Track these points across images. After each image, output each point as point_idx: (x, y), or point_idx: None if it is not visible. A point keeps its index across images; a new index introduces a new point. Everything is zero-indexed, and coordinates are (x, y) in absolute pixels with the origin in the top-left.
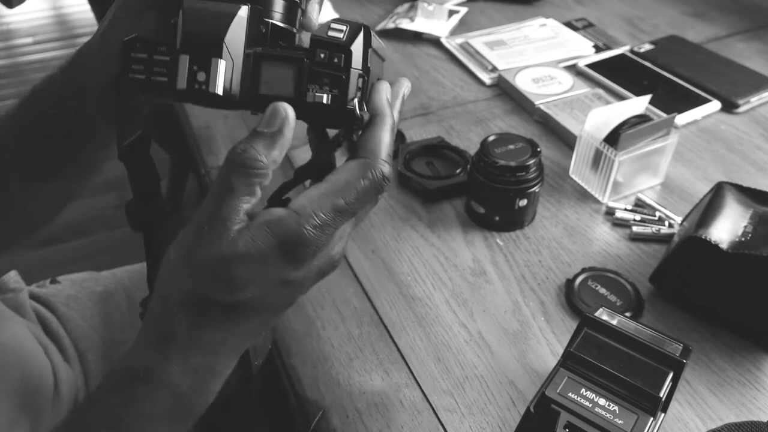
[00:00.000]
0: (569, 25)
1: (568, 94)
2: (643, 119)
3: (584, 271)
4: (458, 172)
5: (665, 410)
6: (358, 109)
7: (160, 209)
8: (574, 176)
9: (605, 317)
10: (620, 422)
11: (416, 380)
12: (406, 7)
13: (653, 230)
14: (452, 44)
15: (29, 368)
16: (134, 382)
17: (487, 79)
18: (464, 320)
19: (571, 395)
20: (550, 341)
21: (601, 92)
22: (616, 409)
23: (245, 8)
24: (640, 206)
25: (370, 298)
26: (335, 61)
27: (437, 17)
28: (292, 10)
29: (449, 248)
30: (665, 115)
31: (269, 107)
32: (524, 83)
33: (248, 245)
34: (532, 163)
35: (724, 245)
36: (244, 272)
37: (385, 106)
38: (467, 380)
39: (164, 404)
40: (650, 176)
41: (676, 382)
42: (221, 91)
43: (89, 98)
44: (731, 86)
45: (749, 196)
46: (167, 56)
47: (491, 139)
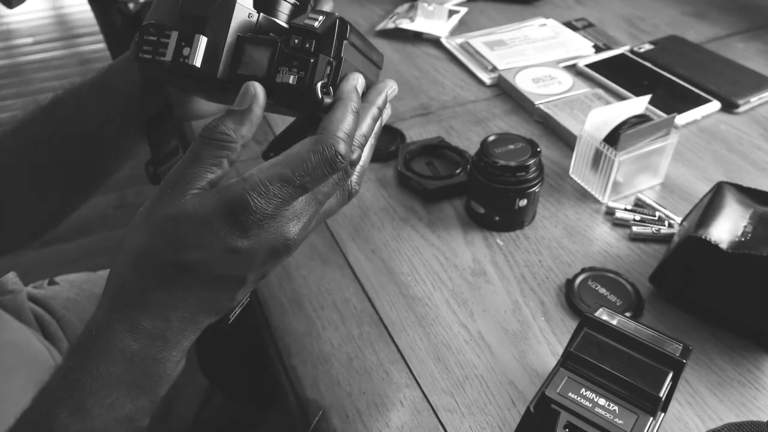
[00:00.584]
0: (569, 25)
1: (568, 94)
2: (643, 119)
3: (584, 271)
4: (458, 172)
5: (665, 410)
6: (320, 92)
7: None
8: (574, 176)
9: (605, 317)
10: (620, 422)
11: (416, 380)
12: (406, 7)
13: (653, 230)
14: (452, 44)
15: (34, 368)
16: (88, 341)
17: (487, 79)
18: (464, 320)
19: (571, 395)
20: (550, 341)
21: (601, 92)
22: (616, 409)
23: None
24: (640, 206)
25: (370, 298)
26: (306, 46)
27: (437, 17)
28: (292, 7)
29: (449, 248)
30: (665, 115)
31: (242, 87)
32: (524, 83)
33: (196, 206)
34: (532, 163)
35: (724, 245)
36: (190, 231)
37: (350, 91)
38: (467, 380)
39: (118, 366)
40: (650, 176)
41: (676, 382)
42: (199, 63)
43: (115, 106)
44: (731, 86)
45: (749, 196)
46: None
47: (491, 139)
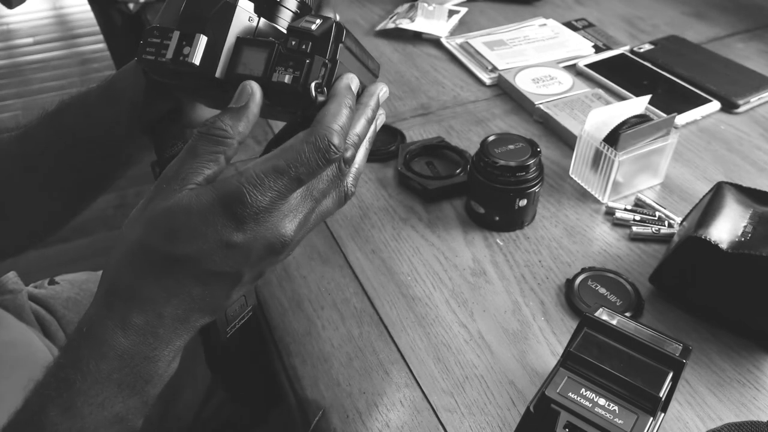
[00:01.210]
0: (569, 25)
1: (568, 94)
2: (643, 119)
3: (584, 271)
4: (458, 172)
5: (665, 410)
6: (313, 91)
7: None
8: (574, 176)
9: (605, 317)
10: (620, 422)
11: (416, 380)
12: (406, 7)
13: (653, 230)
14: (452, 44)
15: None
16: (80, 339)
17: (487, 79)
18: (464, 320)
19: (571, 395)
20: (550, 341)
21: (601, 92)
22: (615, 408)
23: None
24: (640, 206)
25: (370, 298)
26: (303, 47)
27: (437, 17)
28: (292, 15)
29: (449, 248)
30: (665, 115)
31: (239, 86)
32: (524, 83)
33: (191, 199)
34: (532, 163)
35: (723, 245)
36: (185, 224)
37: (345, 88)
38: (467, 380)
39: (108, 364)
40: (650, 176)
41: (675, 382)
42: (198, 61)
43: (121, 112)
44: (731, 86)
45: (749, 196)
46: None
47: (491, 139)
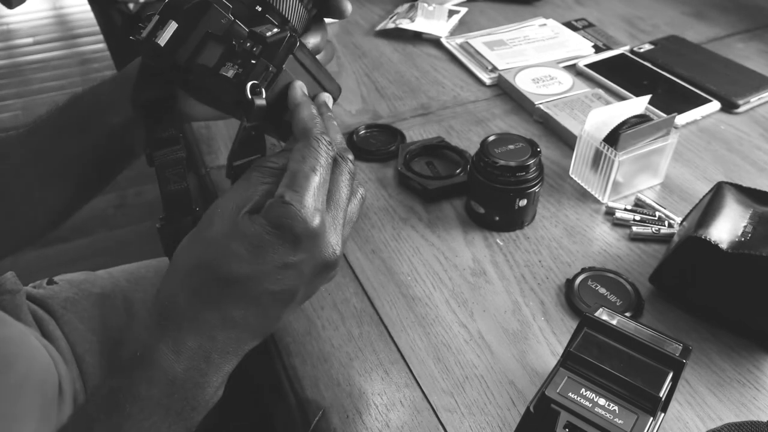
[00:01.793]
0: (569, 25)
1: (568, 94)
2: (643, 119)
3: (584, 271)
4: (458, 172)
5: (665, 410)
6: (248, 90)
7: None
8: (574, 176)
9: (605, 317)
10: (620, 422)
11: (416, 380)
12: (406, 7)
13: (653, 230)
14: (452, 44)
15: (35, 364)
16: (132, 362)
17: (487, 79)
18: (464, 320)
19: (571, 395)
20: (550, 341)
21: (601, 92)
22: (616, 409)
23: None
24: (639, 206)
25: (370, 298)
26: (254, 50)
27: (437, 17)
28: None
29: (449, 248)
30: (665, 115)
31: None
32: (524, 83)
33: (247, 226)
34: (532, 163)
35: (723, 245)
36: (242, 247)
37: (299, 95)
38: (467, 380)
39: (159, 388)
40: (650, 176)
41: (675, 382)
42: (163, 43)
43: (125, 109)
44: (731, 86)
45: (749, 196)
46: None
47: (491, 139)
